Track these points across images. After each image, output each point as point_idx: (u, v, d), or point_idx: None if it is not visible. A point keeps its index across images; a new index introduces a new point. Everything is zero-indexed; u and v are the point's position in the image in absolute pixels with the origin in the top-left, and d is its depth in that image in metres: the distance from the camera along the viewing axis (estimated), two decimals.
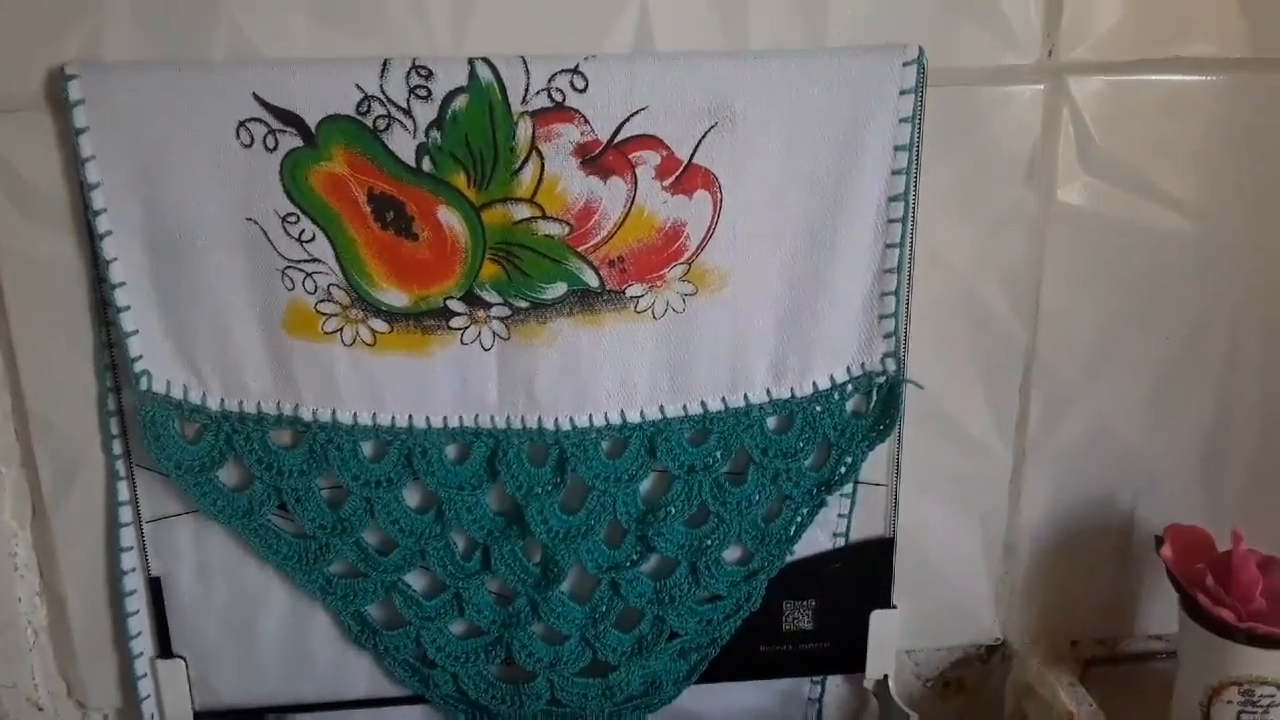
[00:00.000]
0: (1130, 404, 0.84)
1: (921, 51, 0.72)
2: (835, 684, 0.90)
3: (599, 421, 0.78)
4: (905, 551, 0.85)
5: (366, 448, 0.78)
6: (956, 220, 0.78)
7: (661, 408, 0.78)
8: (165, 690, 0.84)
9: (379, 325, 0.74)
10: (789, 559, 0.84)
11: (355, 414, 0.77)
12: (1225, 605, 0.76)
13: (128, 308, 0.73)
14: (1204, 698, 0.78)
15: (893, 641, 0.87)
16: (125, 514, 0.79)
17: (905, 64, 0.72)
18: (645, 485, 0.81)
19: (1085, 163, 0.78)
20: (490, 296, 0.74)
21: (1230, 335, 0.83)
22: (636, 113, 0.71)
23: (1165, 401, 0.84)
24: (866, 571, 0.85)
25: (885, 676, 0.88)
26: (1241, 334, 0.83)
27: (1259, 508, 0.86)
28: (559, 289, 0.74)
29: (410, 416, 0.77)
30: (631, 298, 0.75)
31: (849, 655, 0.87)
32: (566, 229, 0.73)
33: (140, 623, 0.82)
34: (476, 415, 0.77)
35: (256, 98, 0.69)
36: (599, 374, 0.77)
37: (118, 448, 0.77)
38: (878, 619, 0.86)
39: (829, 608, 0.86)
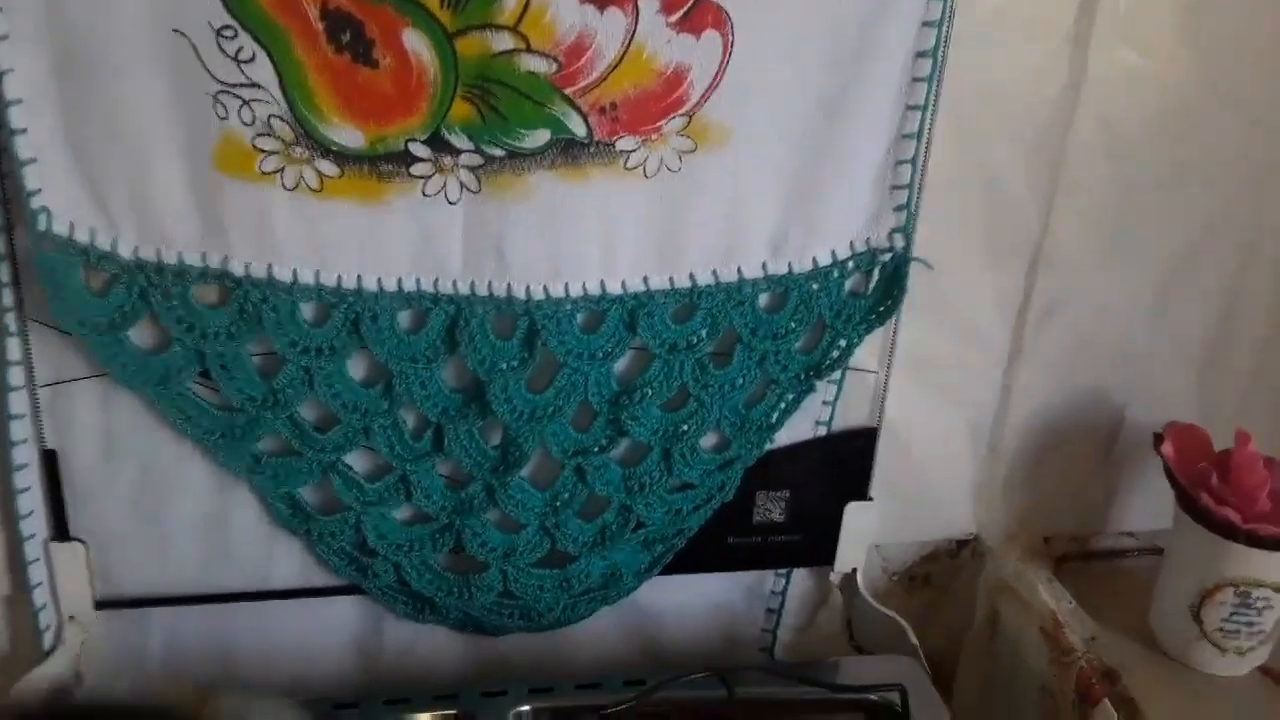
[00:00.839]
0: (1138, 295, 0.78)
1: None
2: (800, 577, 0.84)
3: (576, 291, 0.68)
4: (887, 443, 0.78)
5: (307, 310, 0.67)
6: (979, 84, 0.69)
7: (646, 279, 0.69)
8: (60, 577, 0.73)
9: (327, 168, 0.63)
10: (768, 447, 0.76)
11: (295, 270, 0.65)
12: (1229, 506, 0.72)
13: (24, 130, 0.59)
14: (1196, 599, 0.74)
15: (867, 535, 0.81)
16: (15, 376, 0.67)
17: None
18: (621, 364, 0.72)
19: (1118, 28, 0.70)
20: (460, 141, 0.63)
21: (1255, 225, 0.77)
22: None
23: (1173, 295, 0.78)
24: (846, 462, 0.79)
25: (854, 570, 0.82)
26: (1253, 231, 0.77)
27: (1256, 412, 0.82)
28: (540, 137, 0.64)
29: (359, 276, 0.66)
30: (622, 152, 0.65)
31: (819, 549, 0.81)
32: (554, 66, 0.62)
33: (32, 501, 0.70)
34: (436, 278, 0.67)
35: None
36: (579, 237, 0.67)
37: (7, 298, 0.64)
38: (853, 511, 0.80)
39: (803, 499, 0.79)
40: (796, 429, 0.76)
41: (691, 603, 0.84)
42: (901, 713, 0.73)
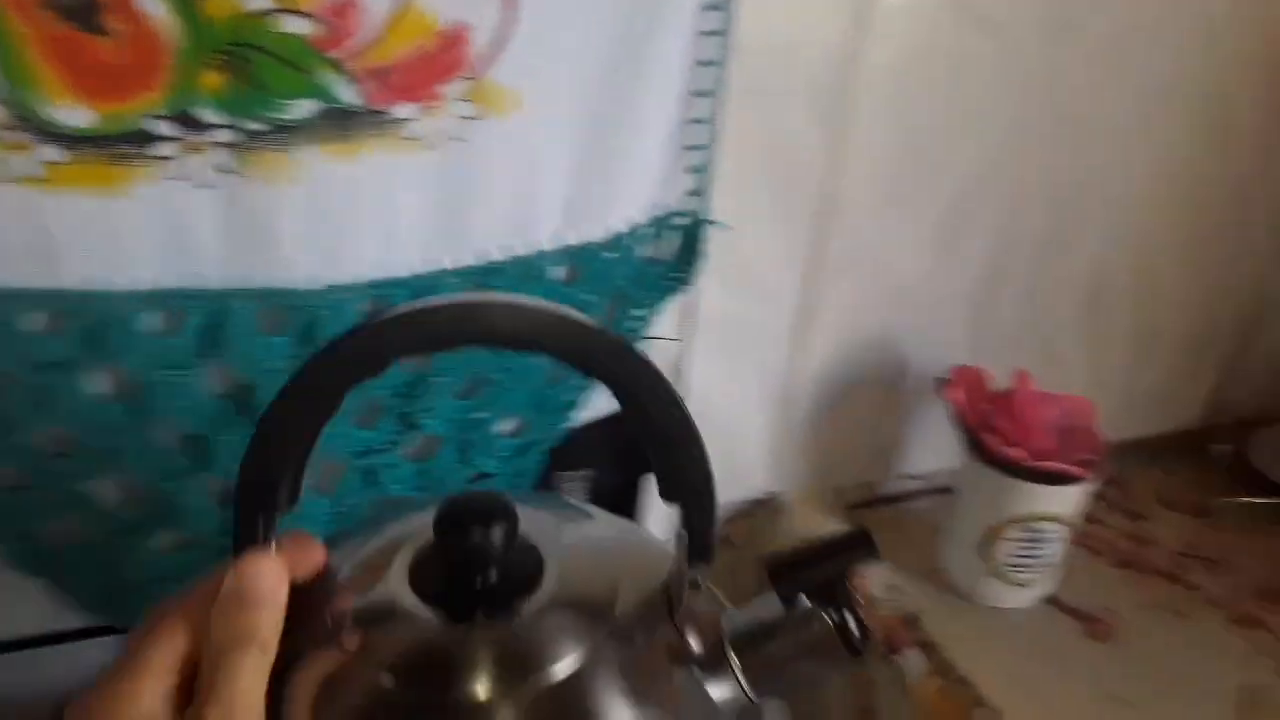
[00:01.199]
0: (918, 244, 0.78)
1: None
2: None
3: (359, 277, 0.61)
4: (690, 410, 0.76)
5: (37, 320, 0.56)
6: (765, 37, 0.67)
7: (436, 260, 0.63)
8: None
9: (52, 153, 0.52)
10: (567, 427, 0.72)
11: (19, 275, 0.55)
12: (1014, 444, 0.74)
13: None
14: (984, 537, 0.76)
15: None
16: None
17: None
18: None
19: None
20: (211, 115, 0.54)
21: (1018, 173, 0.79)
22: None
23: (950, 241, 0.79)
24: None
25: None
26: (1026, 171, 0.79)
27: (1028, 351, 0.85)
28: (305, 107, 0.56)
29: (96, 277, 0.56)
30: (399, 121, 0.58)
31: None
32: (317, 27, 0.54)
33: None
34: (193, 274, 0.58)
35: None
36: (358, 218, 0.60)
37: None
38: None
39: (605, 476, 0.75)
40: (596, 405, 0.72)
41: None
42: None
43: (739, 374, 0.78)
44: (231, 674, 0.37)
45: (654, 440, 0.42)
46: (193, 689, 0.37)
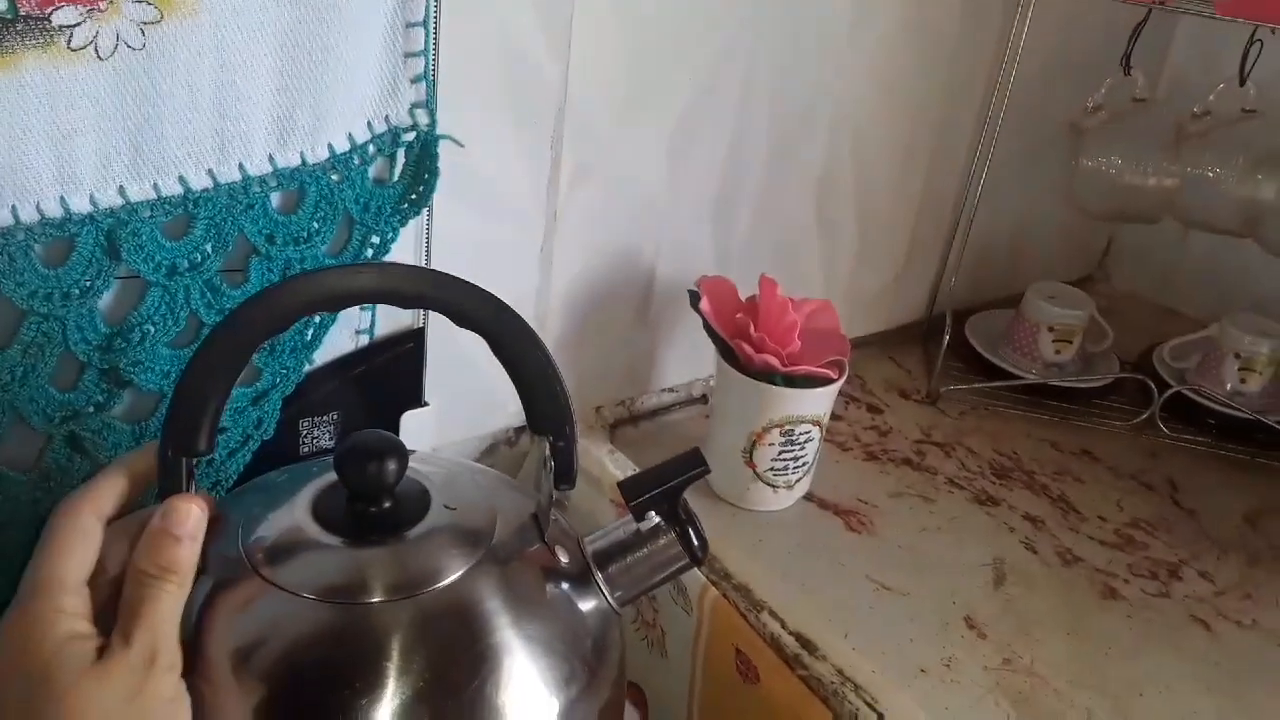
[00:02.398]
0: (653, 153, 0.74)
1: None
2: None
3: (28, 216, 0.50)
4: (436, 341, 0.69)
5: None
6: None
7: (122, 189, 0.53)
8: None
9: None
10: (306, 370, 0.64)
11: None
12: (767, 351, 0.71)
13: None
14: (746, 444, 0.74)
15: (427, 441, 0.72)
16: None
17: None
18: (107, 299, 0.55)
19: None
20: None
21: (745, 79, 0.75)
22: None
23: (684, 150, 0.75)
24: (394, 371, 0.68)
25: None
26: (754, 78, 0.76)
27: (762, 257, 0.82)
28: None
29: None
30: (62, 28, 0.48)
31: None
32: None
33: None
34: None
35: None
36: (23, 145, 0.49)
37: None
38: (410, 420, 0.70)
39: (353, 418, 0.68)
40: (334, 344, 0.64)
41: None
42: None
43: None
44: (155, 602, 0.41)
45: (522, 382, 0.48)
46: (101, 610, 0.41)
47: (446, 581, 0.45)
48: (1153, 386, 0.93)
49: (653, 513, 0.51)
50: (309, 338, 0.63)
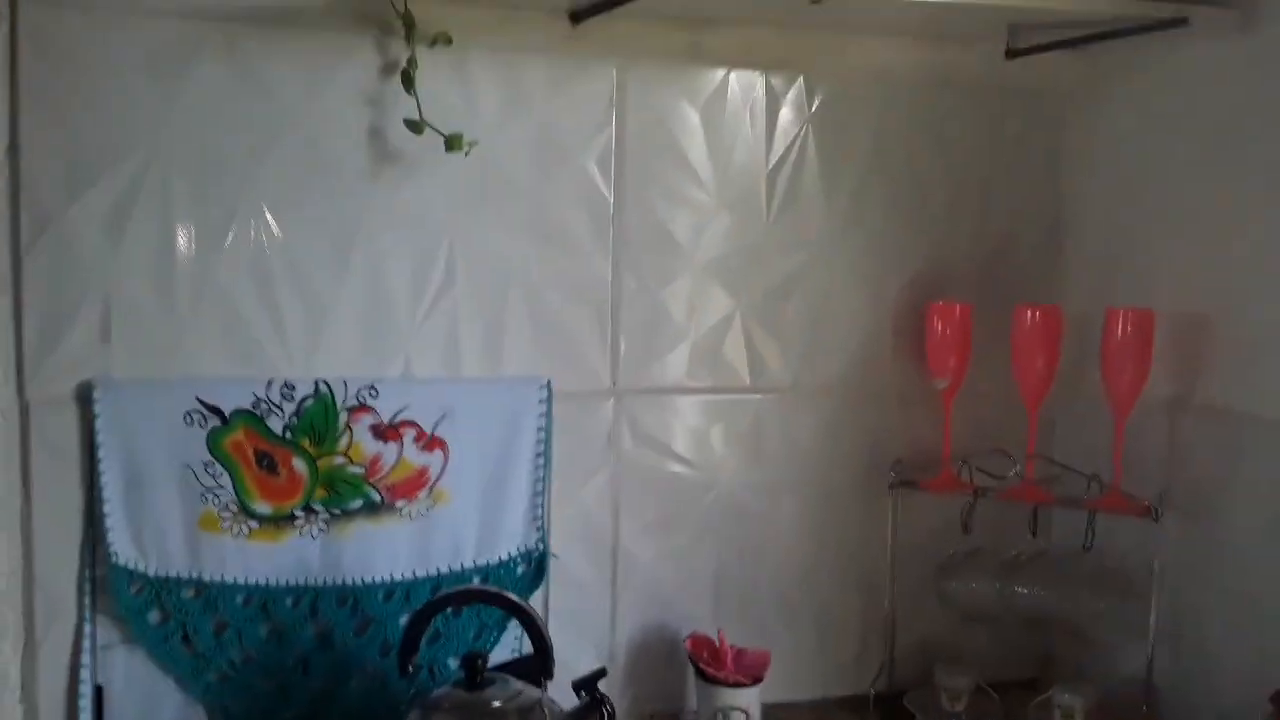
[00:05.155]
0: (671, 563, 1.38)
1: (549, 382, 1.29)
2: None
3: (385, 577, 1.24)
4: None
5: (239, 597, 1.20)
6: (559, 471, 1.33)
7: (414, 571, 1.26)
8: None
9: (253, 524, 1.19)
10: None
11: (235, 578, 1.20)
12: (723, 670, 1.28)
13: (107, 515, 1.15)
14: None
15: None
16: (86, 640, 1.17)
17: (540, 387, 1.29)
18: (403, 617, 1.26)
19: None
20: (319, 508, 1.21)
21: None
22: (402, 409, 1.23)
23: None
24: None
25: None
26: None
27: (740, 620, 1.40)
28: (358, 503, 1.22)
29: (267, 579, 1.21)
30: (399, 508, 1.24)
31: None
32: (363, 469, 1.22)
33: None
34: (305, 578, 1.22)
35: (198, 399, 1.16)
36: (381, 552, 1.24)
37: (87, 607, 1.16)
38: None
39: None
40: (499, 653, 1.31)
41: None
42: None
43: (574, 647, 1.35)
44: None
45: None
46: None
47: None
48: None
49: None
50: (490, 643, 1.29)
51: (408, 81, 1.17)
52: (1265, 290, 1.23)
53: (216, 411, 1.18)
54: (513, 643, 1.30)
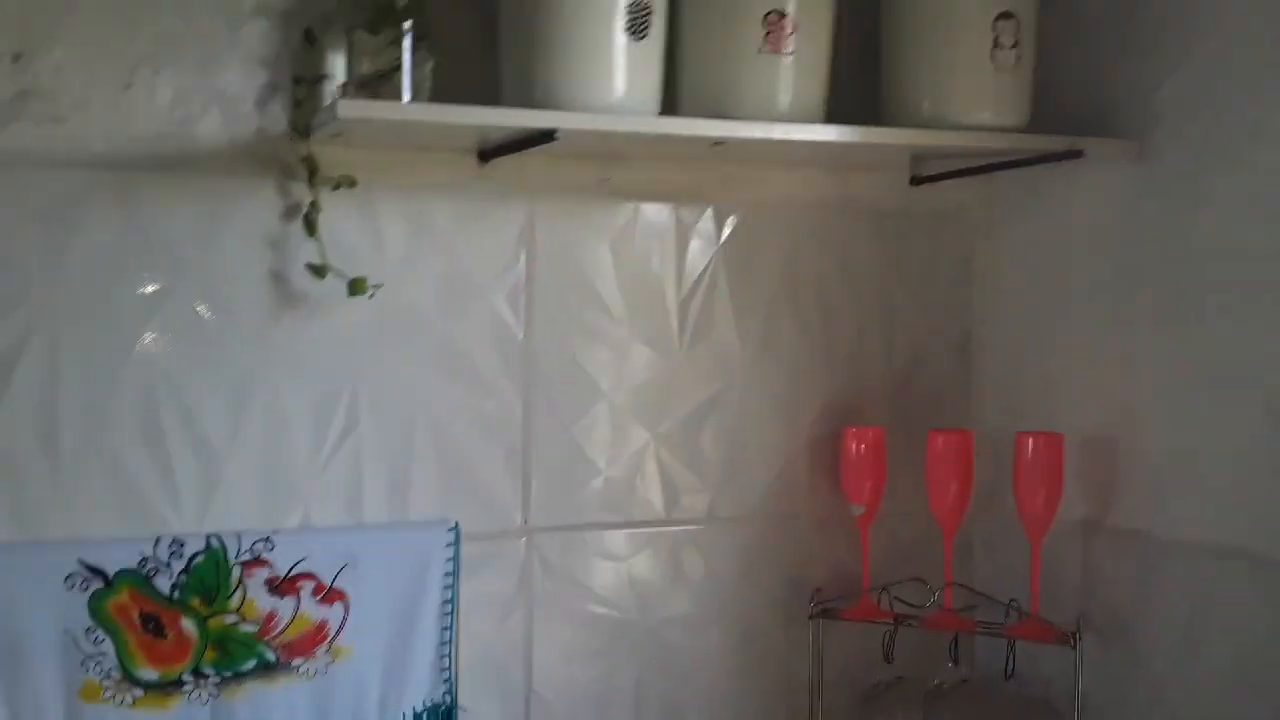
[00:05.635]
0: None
1: (457, 524, 1.23)
2: None
3: None
4: None
5: None
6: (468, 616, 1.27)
7: None
8: None
9: (138, 692, 1.11)
10: None
11: None
12: None
13: None
14: None
15: None
16: None
17: (448, 529, 1.23)
18: None
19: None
20: (209, 671, 1.13)
21: None
22: (300, 560, 1.16)
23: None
24: None
25: None
26: None
27: None
28: (251, 664, 1.15)
29: None
30: (295, 667, 1.16)
31: None
32: (257, 627, 1.14)
33: None
34: None
35: (80, 560, 1.08)
36: (275, 715, 1.16)
37: None
38: None
39: None
40: None
41: None
42: None
43: None
44: None
45: None
46: None
47: None
48: None
49: None
50: None
51: (310, 226, 1.13)
52: (1166, 413, 1.24)
53: (99, 573, 1.09)
54: None
